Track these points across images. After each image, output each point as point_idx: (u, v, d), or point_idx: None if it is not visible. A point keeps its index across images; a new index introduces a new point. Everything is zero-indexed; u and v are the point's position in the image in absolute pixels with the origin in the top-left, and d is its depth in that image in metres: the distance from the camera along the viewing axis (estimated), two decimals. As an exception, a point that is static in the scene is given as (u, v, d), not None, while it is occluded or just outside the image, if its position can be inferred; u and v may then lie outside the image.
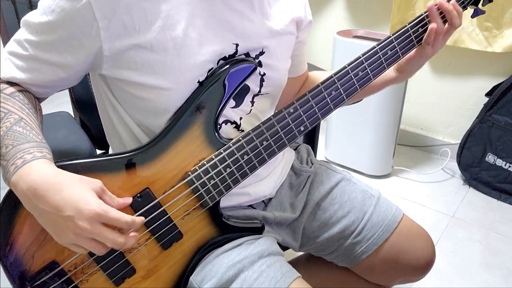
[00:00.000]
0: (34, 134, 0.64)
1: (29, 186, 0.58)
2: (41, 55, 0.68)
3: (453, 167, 2.10)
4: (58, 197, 0.58)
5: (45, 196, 0.58)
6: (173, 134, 0.72)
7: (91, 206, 0.57)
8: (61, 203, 0.57)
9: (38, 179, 0.58)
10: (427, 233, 0.97)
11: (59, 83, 0.72)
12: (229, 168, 0.74)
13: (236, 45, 0.74)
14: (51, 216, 0.58)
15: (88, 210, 0.57)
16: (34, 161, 0.60)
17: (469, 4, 0.88)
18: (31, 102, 0.70)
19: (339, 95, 0.80)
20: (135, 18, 0.66)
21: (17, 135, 0.63)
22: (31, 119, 0.67)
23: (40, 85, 0.72)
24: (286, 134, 0.77)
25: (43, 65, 0.69)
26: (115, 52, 0.67)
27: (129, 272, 0.72)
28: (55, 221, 0.59)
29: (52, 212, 0.58)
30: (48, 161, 0.61)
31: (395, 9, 2.00)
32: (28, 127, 0.65)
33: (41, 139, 0.65)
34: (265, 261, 0.76)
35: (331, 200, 0.94)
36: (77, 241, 0.59)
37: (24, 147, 0.61)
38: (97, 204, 0.58)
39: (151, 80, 0.69)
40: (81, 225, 0.57)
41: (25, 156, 0.60)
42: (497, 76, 1.95)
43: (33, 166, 0.59)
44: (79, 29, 0.65)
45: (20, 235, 0.66)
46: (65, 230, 0.58)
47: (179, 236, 0.74)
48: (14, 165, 0.60)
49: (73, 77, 0.73)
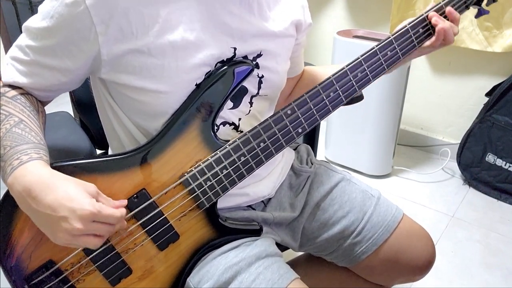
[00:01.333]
0: (32, 135, 0.65)
1: (24, 187, 0.59)
2: (42, 60, 0.69)
3: (453, 167, 2.10)
4: (51, 197, 0.58)
5: (39, 197, 0.58)
6: (170, 135, 0.72)
7: (84, 206, 0.58)
8: (55, 204, 0.58)
9: (33, 180, 0.59)
10: (427, 233, 0.97)
11: (61, 86, 0.73)
12: (225, 169, 0.74)
13: (234, 48, 0.74)
14: (45, 217, 0.59)
15: (81, 210, 0.57)
16: (29, 162, 0.60)
17: (472, 4, 0.87)
18: (32, 104, 0.71)
19: (337, 96, 0.79)
20: (133, 23, 0.66)
21: (15, 137, 0.63)
22: (32, 121, 0.67)
23: (42, 89, 0.73)
24: (283, 135, 0.77)
25: (44, 70, 0.70)
26: (113, 57, 0.68)
27: (125, 273, 0.72)
28: (50, 221, 0.59)
29: (46, 213, 0.58)
30: (44, 163, 0.62)
31: (395, 9, 2.00)
32: (28, 128, 0.65)
33: (39, 140, 0.65)
34: (262, 262, 0.76)
35: (331, 200, 0.94)
36: (72, 241, 0.60)
37: (22, 148, 0.62)
38: (90, 203, 0.59)
39: (149, 84, 0.69)
40: (75, 225, 0.57)
41: (21, 157, 0.61)
42: (497, 76, 1.95)
43: (28, 167, 0.60)
44: (78, 34, 0.66)
45: (18, 235, 0.67)
46: (60, 230, 0.59)
47: (175, 237, 0.74)
48: (10, 166, 0.60)
49: (74, 81, 0.74)
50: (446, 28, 0.82)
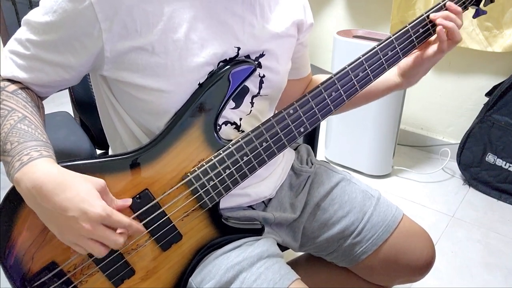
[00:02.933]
0: (39, 133, 0.64)
1: (34, 184, 0.58)
2: (43, 55, 0.68)
3: (453, 167, 2.10)
4: (62, 196, 0.58)
5: (49, 195, 0.58)
6: (173, 135, 0.72)
7: (95, 208, 0.57)
8: (65, 203, 0.57)
9: (43, 177, 0.58)
10: (427, 233, 0.97)
11: (61, 83, 0.72)
12: (228, 169, 0.74)
13: (238, 48, 0.74)
14: (54, 215, 0.59)
15: (92, 212, 0.57)
16: (40, 159, 0.60)
17: (470, 4, 0.88)
18: (33, 100, 0.70)
19: (339, 96, 0.80)
20: (137, 20, 0.66)
21: (22, 133, 0.62)
22: (35, 118, 0.66)
23: (42, 84, 0.71)
24: (286, 135, 0.77)
25: (44, 65, 0.69)
26: (116, 54, 0.67)
27: (128, 273, 0.72)
28: (58, 220, 0.59)
29: (55, 211, 0.58)
30: (53, 161, 0.61)
31: (395, 9, 2.00)
32: (33, 125, 0.65)
33: (46, 139, 0.65)
34: (264, 262, 0.76)
35: (331, 200, 0.94)
36: (78, 241, 0.59)
37: (31, 144, 0.61)
38: (101, 206, 0.58)
39: (152, 83, 0.69)
40: (84, 226, 0.57)
41: (32, 153, 0.60)
42: (497, 76, 1.95)
43: (38, 164, 0.59)
44: (81, 30, 0.65)
45: (20, 236, 0.66)
46: (68, 229, 0.59)
47: (178, 237, 0.74)
48: (20, 161, 0.59)
49: (75, 77, 0.73)
50: (449, 25, 0.80)
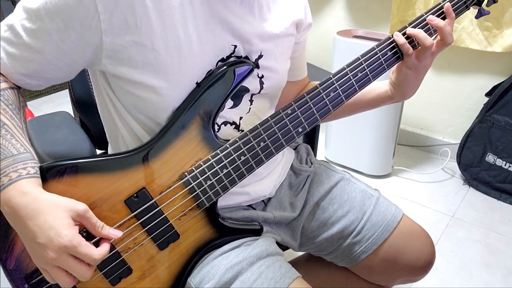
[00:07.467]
0: (13, 143, 0.63)
1: (12, 209, 0.59)
2: (36, 43, 0.65)
3: (453, 167, 2.10)
4: (33, 222, 0.59)
5: (23, 220, 0.59)
6: (171, 134, 0.72)
7: (61, 238, 0.58)
8: (35, 230, 0.58)
9: (20, 202, 0.59)
10: (427, 233, 0.97)
11: (53, 75, 0.70)
12: (225, 168, 0.74)
13: (234, 46, 0.74)
14: (28, 236, 0.60)
15: (57, 241, 0.58)
16: (18, 182, 0.60)
17: (472, 4, 0.87)
18: (14, 102, 0.68)
19: (337, 96, 0.79)
20: (138, 15, 0.65)
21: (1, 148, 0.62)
22: (13, 123, 0.65)
23: (32, 75, 0.69)
24: (283, 135, 0.77)
25: (36, 54, 0.66)
26: (115, 48, 0.66)
27: (125, 272, 0.72)
28: (31, 243, 0.60)
29: (28, 236, 0.60)
30: (32, 181, 0.61)
31: (395, 9, 2.00)
32: (9, 134, 0.64)
33: (19, 148, 0.63)
34: (263, 262, 0.76)
35: (330, 200, 0.94)
36: (46, 267, 0.60)
37: (7, 163, 0.61)
38: (67, 236, 0.58)
39: (150, 79, 0.69)
40: (50, 254, 0.58)
41: (10, 174, 0.60)
42: (497, 76, 1.95)
43: (16, 186, 0.60)
44: (79, 20, 0.63)
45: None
46: (37, 254, 0.60)
47: (175, 236, 0.74)
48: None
49: (69, 71, 0.70)
50: (441, 26, 0.80)
